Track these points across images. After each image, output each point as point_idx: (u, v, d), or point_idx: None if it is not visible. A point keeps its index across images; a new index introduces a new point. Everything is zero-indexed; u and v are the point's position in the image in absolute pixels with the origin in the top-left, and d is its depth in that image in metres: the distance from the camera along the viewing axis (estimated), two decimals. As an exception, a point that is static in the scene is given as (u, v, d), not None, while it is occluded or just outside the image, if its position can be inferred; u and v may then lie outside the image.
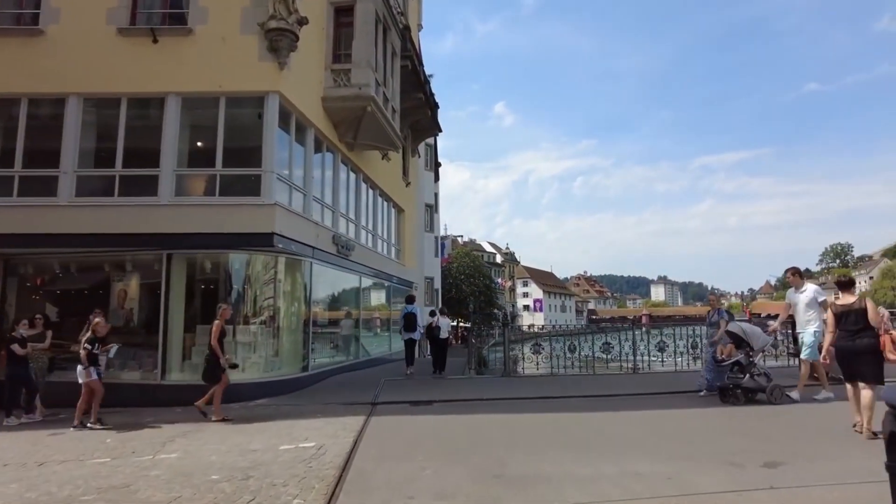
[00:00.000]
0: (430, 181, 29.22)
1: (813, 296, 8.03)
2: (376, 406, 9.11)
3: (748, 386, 8.07)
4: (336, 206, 14.05)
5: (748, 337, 8.15)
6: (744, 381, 8.05)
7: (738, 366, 8.17)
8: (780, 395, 7.91)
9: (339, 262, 13.86)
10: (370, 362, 16.13)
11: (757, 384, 8.04)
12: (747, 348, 8.12)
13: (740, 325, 8.53)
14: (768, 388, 7.92)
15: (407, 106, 19.23)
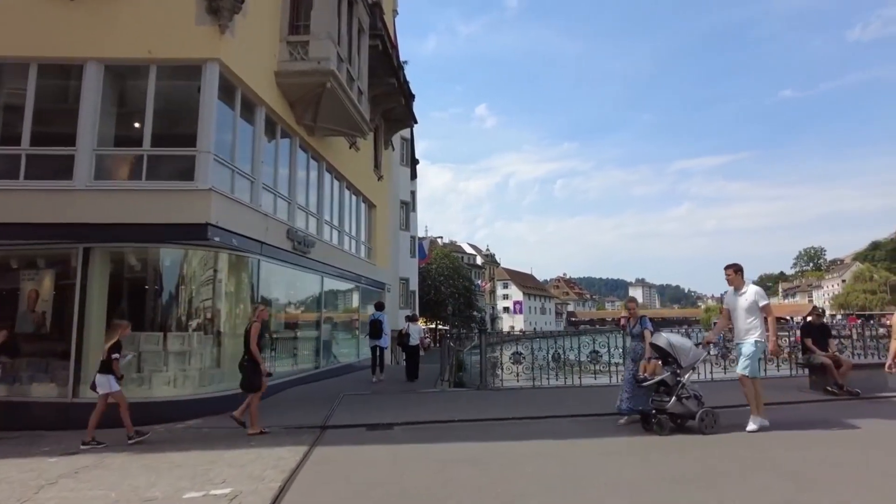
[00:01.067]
0: (406, 177, 27.75)
1: (754, 299, 6.78)
2: (326, 431, 7.64)
3: (675, 411, 6.63)
4: (293, 196, 12.51)
5: (675, 351, 6.74)
6: (669, 406, 6.58)
7: (664, 386, 6.70)
8: (713, 422, 6.58)
9: (297, 259, 12.33)
10: (335, 371, 14.61)
11: (685, 409, 6.64)
12: (674, 365, 6.72)
13: (666, 336, 7.03)
14: (699, 414, 6.57)
15: (378, 92, 17.81)
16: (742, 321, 6.85)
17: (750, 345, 6.71)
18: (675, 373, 6.69)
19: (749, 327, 6.77)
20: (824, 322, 10.08)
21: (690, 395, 6.73)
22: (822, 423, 7.15)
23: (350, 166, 16.44)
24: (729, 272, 7.13)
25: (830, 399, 8.94)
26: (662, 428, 6.60)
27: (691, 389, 6.80)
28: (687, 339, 6.97)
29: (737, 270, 7.09)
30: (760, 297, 6.76)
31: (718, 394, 8.46)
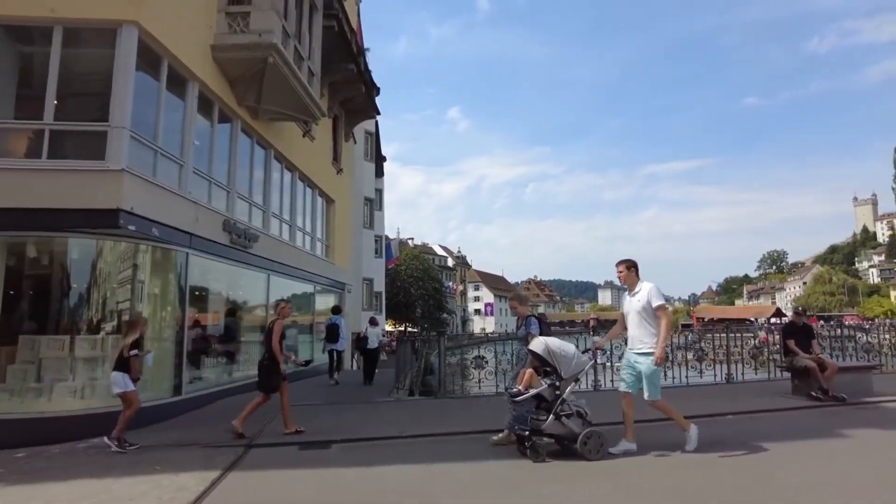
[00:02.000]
0: (371, 173, 26.60)
1: (648, 299, 5.58)
2: (250, 451, 6.51)
3: (553, 432, 5.51)
4: (232, 185, 11.30)
5: (555, 359, 5.55)
6: (545, 425, 5.43)
7: (542, 401, 5.57)
8: (599, 445, 5.44)
9: (236, 255, 11.11)
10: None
11: (566, 429, 5.48)
12: (554, 376, 5.58)
13: (545, 341, 5.74)
14: (581, 436, 5.38)
15: (337, 79, 16.72)
16: (635, 327, 5.67)
17: (648, 363, 5.51)
18: (554, 385, 5.54)
19: (643, 334, 5.58)
20: (807, 322, 9.37)
21: (572, 413, 5.55)
22: (811, 434, 6.38)
23: (304, 156, 15.26)
24: (620, 269, 5.93)
25: (816, 405, 8.21)
26: (536, 454, 5.40)
27: (574, 405, 5.61)
28: (570, 345, 5.74)
29: (629, 267, 5.90)
30: (655, 297, 5.57)
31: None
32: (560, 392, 5.54)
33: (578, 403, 5.73)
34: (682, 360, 10.78)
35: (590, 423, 5.63)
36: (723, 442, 6.04)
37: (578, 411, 5.63)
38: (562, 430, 5.51)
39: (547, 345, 5.65)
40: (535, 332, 6.34)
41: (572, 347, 5.76)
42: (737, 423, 7.35)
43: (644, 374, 5.56)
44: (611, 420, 6.16)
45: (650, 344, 5.52)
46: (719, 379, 10.81)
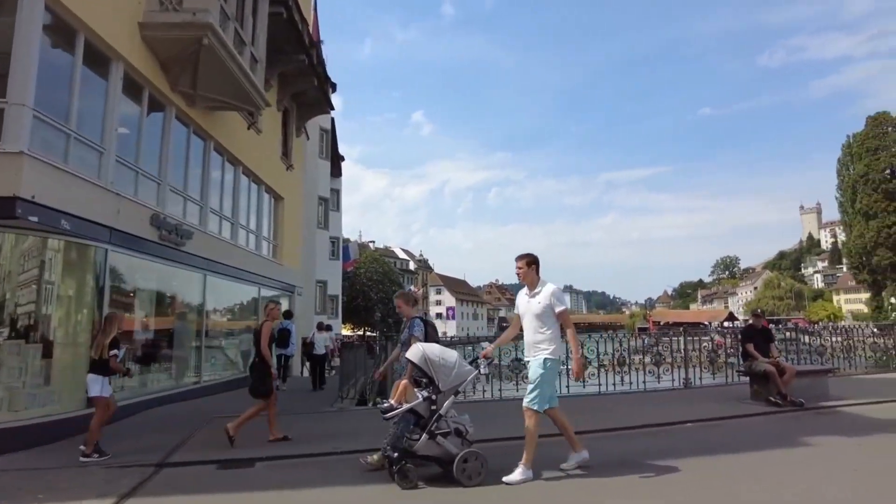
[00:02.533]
0: (326, 172, 25.68)
1: (548, 303, 4.92)
2: (161, 471, 5.72)
3: (426, 453, 4.74)
4: (164, 177, 10.37)
5: (432, 368, 4.79)
6: (417, 445, 4.68)
7: (416, 417, 4.82)
8: (478, 469, 4.66)
9: (167, 253, 10.19)
10: (220, 386, 12.47)
11: (441, 450, 4.72)
12: (431, 388, 4.83)
13: (422, 348, 4.94)
14: (458, 458, 4.62)
15: (287, 71, 15.92)
16: (532, 332, 4.98)
17: (538, 365, 4.84)
18: (430, 399, 4.78)
19: (540, 340, 4.90)
20: (766, 326, 9.15)
21: (450, 431, 4.78)
22: (773, 443, 6.02)
23: (249, 150, 14.37)
24: (519, 265, 5.15)
25: (775, 411, 7.94)
26: (405, 479, 4.62)
27: (454, 422, 4.85)
28: (452, 353, 4.99)
29: (529, 263, 5.12)
30: (557, 301, 4.91)
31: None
32: (437, 407, 4.78)
33: (459, 420, 4.93)
34: (640, 364, 10.43)
35: (470, 441, 4.88)
36: (682, 454, 5.62)
37: (458, 429, 4.83)
38: (437, 450, 4.73)
39: (424, 352, 4.85)
40: (418, 334, 5.58)
41: (454, 355, 4.97)
42: (696, 431, 6.99)
43: (530, 377, 4.92)
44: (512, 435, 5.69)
45: (547, 349, 4.88)
46: (677, 384, 10.53)
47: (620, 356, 10.30)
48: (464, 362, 5.01)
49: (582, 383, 9.90)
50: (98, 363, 6.29)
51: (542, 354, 4.89)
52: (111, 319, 6.54)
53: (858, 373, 11.84)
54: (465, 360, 5.03)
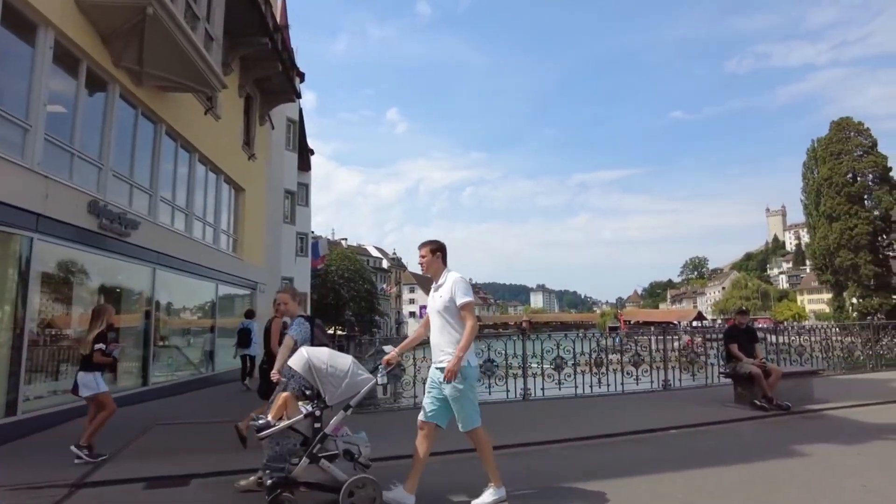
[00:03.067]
0: (293, 164, 24.70)
1: (450, 296, 4.13)
2: (77, 492, 4.92)
3: (308, 480, 4.02)
4: (106, 160, 9.44)
5: (318, 377, 3.99)
6: (296, 471, 3.94)
7: (303, 437, 4.05)
8: (370, 499, 3.89)
9: (108, 244, 9.27)
10: (172, 389, 11.55)
11: (326, 476, 4.00)
12: (317, 402, 4.06)
13: (307, 353, 4.09)
14: (346, 486, 3.85)
15: (249, 54, 15.06)
16: (437, 332, 4.19)
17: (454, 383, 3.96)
18: (313, 415, 3.99)
19: (446, 342, 4.09)
20: (750, 325, 8.73)
21: (338, 453, 4.03)
22: (765, 452, 5.54)
23: (206, 136, 13.44)
24: (423, 252, 4.38)
25: (761, 415, 7.50)
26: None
27: (344, 442, 4.11)
28: (345, 360, 4.15)
29: (434, 251, 4.35)
30: (460, 292, 4.10)
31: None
32: (322, 424, 3.99)
33: (352, 439, 4.17)
34: (618, 365, 9.94)
35: (365, 465, 4.10)
36: (669, 465, 5.08)
37: (348, 450, 4.07)
38: (321, 476, 4.00)
39: (309, 358, 4.01)
40: (295, 335, 4.77)
41: (347, 363, 4.12)
42: (681, 438, 6.47)
43: (450, 396, 4.01)
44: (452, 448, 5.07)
45: (447, 350, 4.06)
46: (656, 385, 10.07)
47: (598, 357, 9.77)
48: (360, 371, 4.15)
49: (557, 385, 9.44)
50: (86, 359, 5.99)
51: (445, 356, 4.05)
52: (97, 313, 6.20)
53: (837, 373, 11.60)
54: (362, 369, 4.18)
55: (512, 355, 9.39)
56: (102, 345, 6.01)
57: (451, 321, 4.12)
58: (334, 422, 4.07)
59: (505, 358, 9.33)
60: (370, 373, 4.30)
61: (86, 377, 6.01)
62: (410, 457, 4.22)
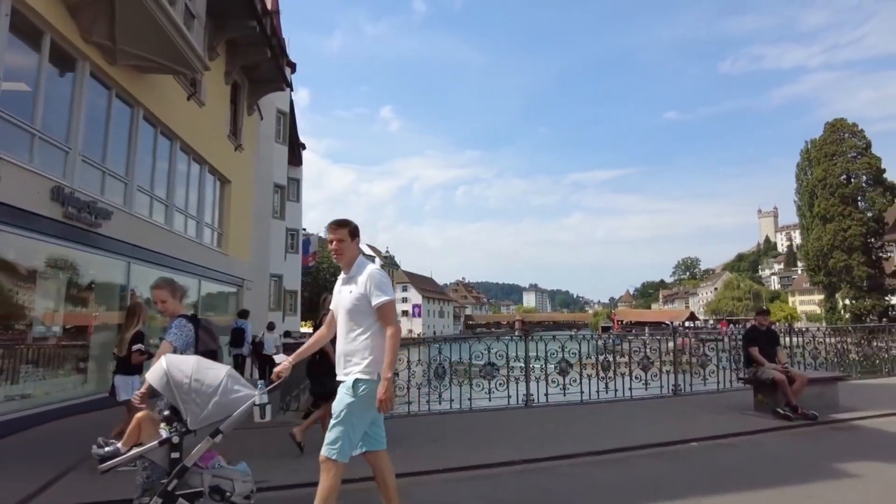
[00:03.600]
0: (283, 157, 23.92)
1: (363, 292, 3.24)
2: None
3: None
4: (74, 144, 8.68)
5: (179, 395, 3.13)
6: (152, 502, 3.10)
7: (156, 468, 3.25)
8: None
9: (76, 234, 8.52)
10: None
11: None
12: (178, 425, 3.20)
13: (167, 365, 3.18)
14: None
15: (236, 38, 14.33)
16: (343, 337, 3.29)
17: (346, 389, 3.15)
18: (171, 442, 3.14)
19: (352, 350, 3.21)
20: (771, 327, 8.12)
21: (201, 491, 3.16)
22: (805, 470, 4.91)
23: (189, 124, 12.68)
24: (336, 234, 3.35)
25: (787, 425, 6.87)
26: None
27: (214, 476, 3.22)
28: (217, 371, 3.25)
29: (354, 234, 3.40)
30: (376, 289, 3.21)
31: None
32: (180, 454, 3.10)
33: (225, 473, 3.26)
34: (626, 368, 9.31)
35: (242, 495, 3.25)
36: (699, 487, 4.43)
37: (218, 487, 3.18)
38: None
39: (168, 370, 3.11)
40: (174, 340, 3.67)
41: (218, 376, 3.17)
42: (706, 453, 5.82)
43: (334, 412, 3.12)
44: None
45: (361, 362, 3.15)
46: (666, 390, 9.46)
47: (605, 360, 9.13)
48: (237, 386, 3.21)
49: (562, 390, 8.79)
50: (123, 361, 5.62)
51: (354, 372, 3.16)
52: (133, 310, 5.87)
53: (853, 377, 11.03)
54: (242, 384, 3.25)
55: (514, 358, 8.74)
56: (141, 345, 5.64)
57: (360, 324, 3.21)
58: (198, 451, 3.12)
59: (506, 361, 8.67)
60: None
61: (125, 381, 5.61)
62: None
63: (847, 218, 59.31)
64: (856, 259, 57.88)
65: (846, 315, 59.27)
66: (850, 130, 63.38)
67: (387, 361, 3.09)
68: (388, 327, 3.18)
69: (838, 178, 60.72)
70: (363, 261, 3.39)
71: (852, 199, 60.01)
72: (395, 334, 3.17)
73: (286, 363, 3.46)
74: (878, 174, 59.81)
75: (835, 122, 64.21)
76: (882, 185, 59.42)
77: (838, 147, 62.26)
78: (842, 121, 64.05)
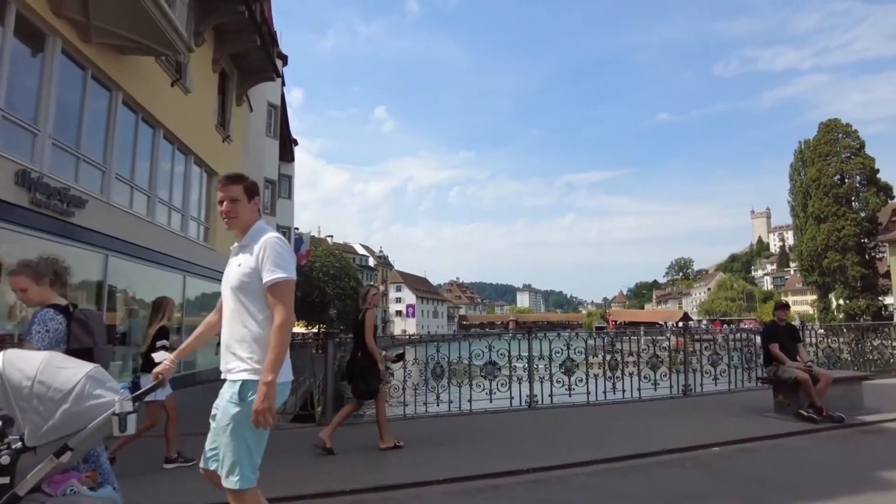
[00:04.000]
0: (274, 151, 23.28)
1: (254, 266, 2.49)
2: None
3: None
4: (42, 126, 8.05)
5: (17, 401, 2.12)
6: None
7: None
8: None
9: (45, 223, 7.90)
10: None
11: None
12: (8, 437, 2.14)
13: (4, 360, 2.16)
14: None
15: (223, 24, 13.79)
16: (228, 324, 2.57)
17: (231, 396, 2.42)
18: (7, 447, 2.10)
19: (239, 338, 2.50)
20: (792, 323, 7.63)
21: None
22: (852, 481, 4.40)
23: (173, 111, 12.06)
24: (231, 192, 2.65)
25: (811, 428, 6.38)
26: None
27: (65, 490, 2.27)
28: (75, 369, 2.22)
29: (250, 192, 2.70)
30: (271, 264, 2.47)
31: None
32: (11, 478, 2.08)
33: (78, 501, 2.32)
34: (635, 368, 8.81)
35: None
36: (729, 499, 3.92)
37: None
38: None
39: (5, 371, 2.18)
40: (35, 339, 2.83)
41: (73, 378, 2.21)
42: (728, 459, 5.31)
43: (215, 422, 2.45)
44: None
45: (248, 360, 2.44)
46: (675, 391, 8.96)
47: (612, 359, 8.61)
48: (101, 391, 2.24)
49: (568, 391, 8.27)
50: (147, 358, 5.03)
51: (238, 370, 2.43)
52: (159, 305, 5.53)
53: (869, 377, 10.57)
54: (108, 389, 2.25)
55: (516, 357, 8.20)
56: (165, 341, 5.27)
57: (253, 308, 2.46)
58: (36, 475, 2.12)
59: (508, 360, 8.13)
60: None
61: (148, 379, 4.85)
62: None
63: (841, 218, 59.27)
64: (850, 259, 57.84)
65: (840, 315, 59.22)
66: (844, 131, 63.39)
67: (269, 358, 2.33)
68: (278, 314, 2.39)
69: (832, 178, 60.69)
70: (262, 227, 2.63)
71: (846, 199, 59.98)
72: (284, 324, 2.38)
73: (167, 363, 2.70)
74: (871, 174, 59.81)
75: (829, 123, 64.21)
76: (876, 185, 59.41)
77: (832, 147, 62.23)
78: (836, 121, 64.04)
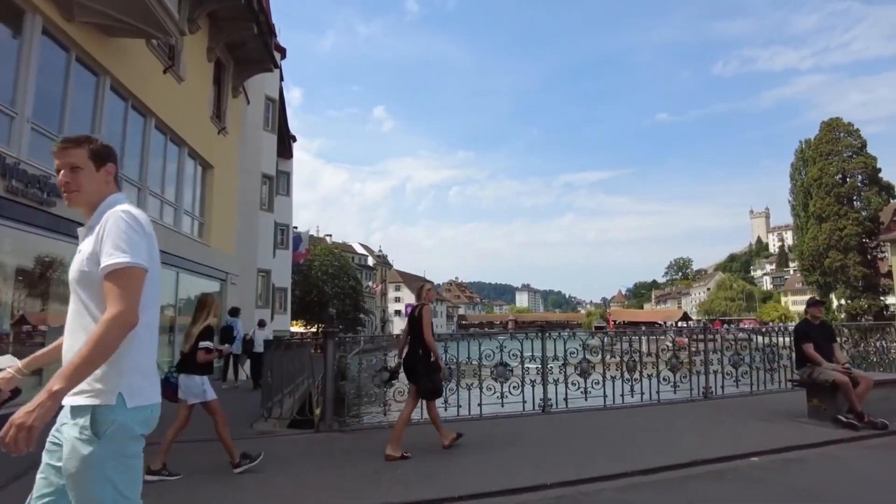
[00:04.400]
0: (272, 146, 22.72)
1: (92, 249, 1.74)
2: None
3: None
4: (20, 109, 7.50)
5: None
6: None
7: None
8: None
9: (24, 214, 7.35)
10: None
11: None
12: None
13: None
14: None
15: (219, 11, 13.25)
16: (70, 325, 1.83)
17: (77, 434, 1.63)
18: None
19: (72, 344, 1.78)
20: (826, 321, 7.13)
21: None
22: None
23: (166, 100, 11.52)
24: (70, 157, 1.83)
25: (854, 436, 5.88)
26: None
27: None
28: None
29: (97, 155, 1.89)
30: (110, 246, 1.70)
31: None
32: None
33: None
34: (653, 370, 8.29)
35: None
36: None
37: None
38: None
39: None
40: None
41: None
42: (771, 471, 4.80)
43: (63, 467, 1.64)
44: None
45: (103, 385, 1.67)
46: (696, 394, 8.46)
47: (630, 360, 8.10)
48: None
49: (583, 394, 7.75)
50: (187, 358, 4.90)
51: (89, 394, 1.67)
52: (203, 304, 5.20)
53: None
54: None
55: (529, 358, 7.68)
56: (209, 342, 5.00)
57: (91, 306, 1.78)
58: None
59: (521, 361, 7.60)
60: None
61: (191, 381, 4.88)
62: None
63: (843, 217, 58.88)
64: (851, 259, 57.43)
65: (841, 315, 58.80)
66: (845, 130, 62.99)
67: (71, 363, 1.59)
68: (111, 306, 1.67)
69: (834, 178, 60.26)
70: (114, 200, 1.90)
71: (848, 198, 59.55)
72: (115, 319, 1.65)
73: (10, 371, 1.96)
74: (873, 174, 59.41)
75: (830, 122, 63.80)
76: (878, 184, 58.98)
77: (834, 146, 61.81)
78: (837, 120, 63.63)
